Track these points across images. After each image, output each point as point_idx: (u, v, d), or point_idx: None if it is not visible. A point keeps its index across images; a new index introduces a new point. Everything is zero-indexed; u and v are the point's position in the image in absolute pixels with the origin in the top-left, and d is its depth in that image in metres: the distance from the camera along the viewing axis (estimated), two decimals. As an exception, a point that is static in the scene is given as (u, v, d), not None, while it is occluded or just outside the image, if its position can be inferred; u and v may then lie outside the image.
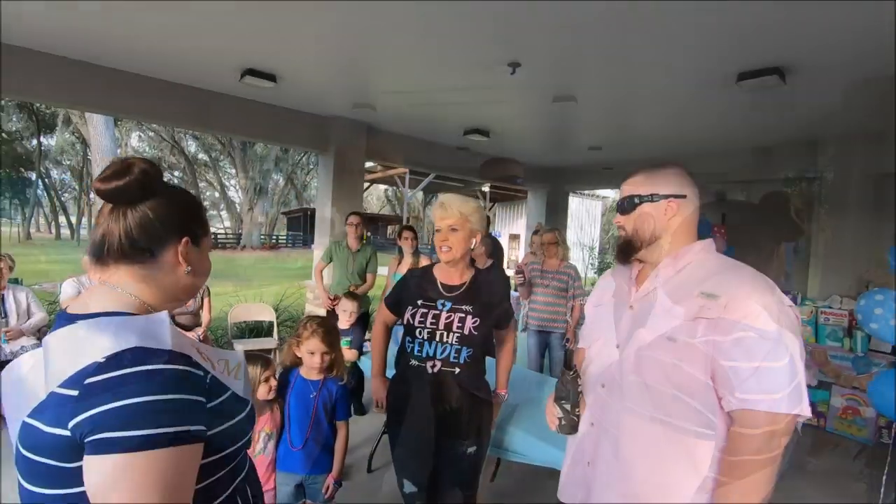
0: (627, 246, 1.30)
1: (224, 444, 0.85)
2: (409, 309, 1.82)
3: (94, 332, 0.75)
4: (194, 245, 0.90)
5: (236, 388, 0.88)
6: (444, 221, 1.76)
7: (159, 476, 0.70)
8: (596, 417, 1.30)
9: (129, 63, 4.31)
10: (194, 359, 0.79)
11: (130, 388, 0.70)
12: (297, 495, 2.06)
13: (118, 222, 0.83)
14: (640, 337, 1.22)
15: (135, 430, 0.69)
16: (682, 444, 1.14)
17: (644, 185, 1.28)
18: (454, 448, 1.82)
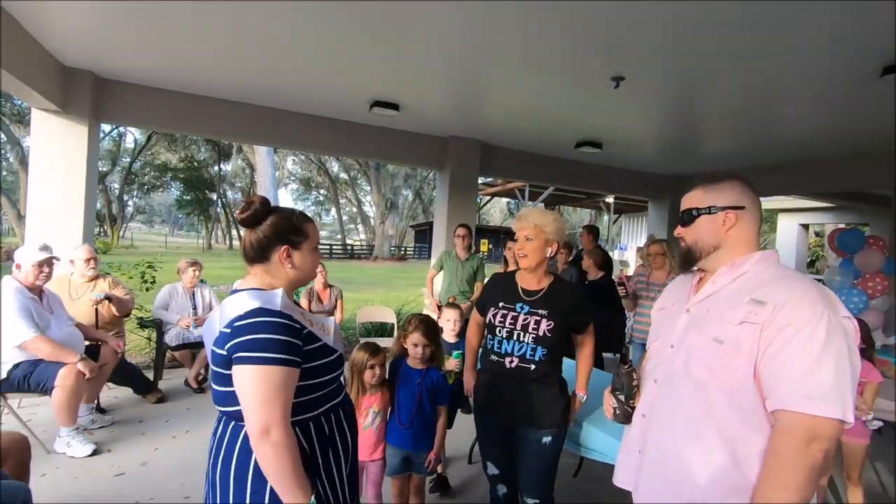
0: (688, 256, 1.40)
1: (317, 374, 1.32)
2: (491, 310, 2.05)
3: (241, 298, 1.27)
4: (294, 250, 1.37)
5: (326, 341, 1.37)
6: (520, 232, 1.98)
7: (269, 383, 1.18)
8: (647, 410, 1.41)
9: (280, 102, 5.26)
10: (295, 317, 1.28)
11: (253, 329, 1.21)
12: (404, 467, 2.39)
13: (247, 239, 1.37)
14: (691, 338, 1.32)
15: (256, 353, 1.18)
16: (725, 440, 1.20)
17: (702, 199, 1.36)
18: (529, 437, 1.99)
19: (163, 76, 4.62)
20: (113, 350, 3.57)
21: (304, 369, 1.27)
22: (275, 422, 1.17)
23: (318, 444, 1.34)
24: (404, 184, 32.69)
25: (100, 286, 3.88)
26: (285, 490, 1.19)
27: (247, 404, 1.19)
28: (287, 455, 1.18)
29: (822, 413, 1.08)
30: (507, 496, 2.17)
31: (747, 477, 1.17)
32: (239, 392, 1.20)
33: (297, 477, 1.20)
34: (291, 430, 1.21)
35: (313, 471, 1.30)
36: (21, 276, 3.09)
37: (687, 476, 1.26)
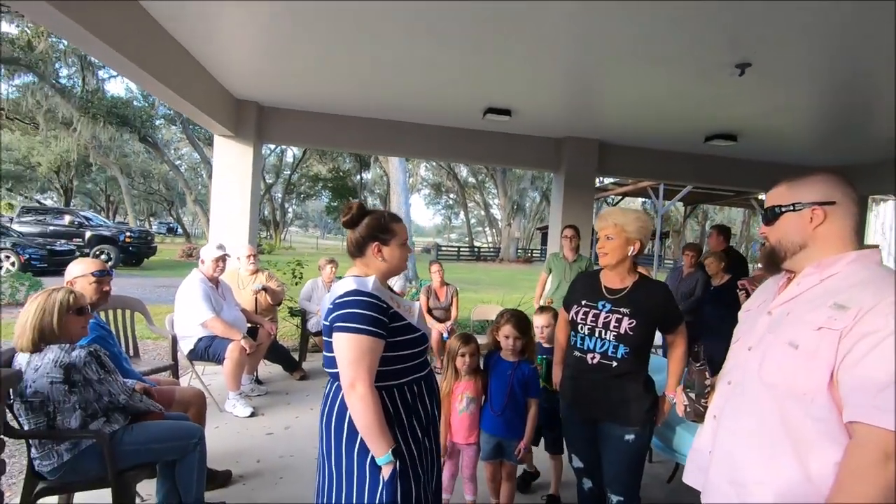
0: (772, 256, 1.33)
1: (401, 347, 1.57)
2: (574, 307, 2.10)
3: (344, 282, 1.60)
4: (384, 245, 1.64)
5: (411, 321, 1.63)
6: (601, 231, 2.00)
7: (356, 347, 1.46)
8: (718, 410, 1.37)
9: (405, 116, 5.77)
10: (383, 298, 1.56)
11: (347, 305, 1.50)
12: (496, 453, 2.55)
13: (349, 238, 1.68)
14: (768, 341, 1.26)
15: (348, 323, 1.48)
16: (797, 449, 1.15)
17: (786, 195, 1.29)
18: (612, 433, 2.00)
19: (311, 101, 5.42)
20: (268, 332, 4.31)
21: (390, 342, 1.53)
22: (360, 379, 1.43)
23: (403, 409, 1.57)
24: (531, 186, 32.52)
25: (259, 279, 4.70)
26: (369, 438, 1.45)
27: (340, 364, 1.48)
28: (370, 408, 1.43)
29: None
30: (592, 490, 2.20)
31: (819, 489, 1.11)
32: (336, 354, 1.50)
33: (380, 429, 1.44)
34: (374, 388, 1.46)
35: (398, 428, 1.53)
36: (204, 269, 3.91)
37: (753, 480, 1.22)
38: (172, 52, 3.75)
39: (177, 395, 2.64)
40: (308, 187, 35.06)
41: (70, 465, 1.96)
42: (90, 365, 2.01)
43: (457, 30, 3.29)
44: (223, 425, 3.54)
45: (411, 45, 3.60)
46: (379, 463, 1.46)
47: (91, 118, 17.59)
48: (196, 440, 2.26)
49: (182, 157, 31.55)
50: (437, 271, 5.35)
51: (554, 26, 3.14)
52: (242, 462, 3.03)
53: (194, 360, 3.84)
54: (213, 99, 4.72)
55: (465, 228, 41.50)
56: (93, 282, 2.50)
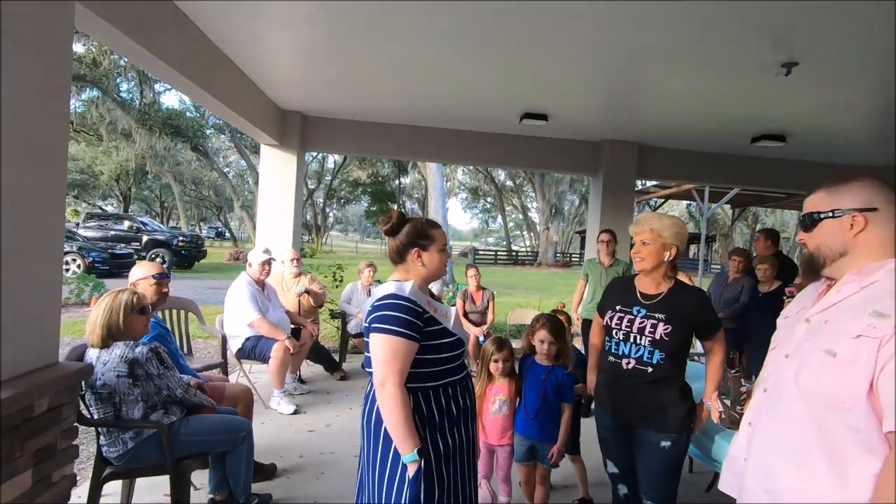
0: (810, 263, 1.31)
1: (436, 351, 1.62)
2: (608, 313, 2.09)
3: (384, 286, 1.68)
4: (423, 251, 1.69)
5: (446, 325, 1.68)
6: (637, 237, 2.00)
7: (389, 348, 1.53)
8: (753, 418, 1.36)
9: (441, 122, 5.87)
10: (420, 303, 1.62)
11: (384, 308, 1.57)
12: (530, 456, 2.58)
13: (390, 245, 1.74)
14: (805, 349, 1.24)
15: (383, 325, 1.55)
16: (833, 458, 1.13)
17: (825, 201, 1.27)
18: (648, 439, 1.99)
19: (352, 110, 5.62)
20: (310, 333, 4.48)
21: (424, 345, 1.59)
22: (390, 378, 1.50)
23: (436, 410, 1.62)
24: (570, 189, 32.06)
25: (302, 282, 4.89)
26: (396, 436, 1.51)
27: (374, 362, 1.56)
28: (398, 406, 1.49)
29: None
30: (627, 496, 2.18)
31: (855, 496, 1.10)
32: (371, 353, 1.59)
33: (406, 428, 1.50)
34: (404, 389, 1.52)
35: (429, 429, 1.58)
36: (251, 272, 4.12)
37: (788, 489, 1.21)
38: (224, 68, 3.99)
39: (227, 391, 2.81)
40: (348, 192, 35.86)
41: (133, 453, 2.14)
42: (151, 361, 2.18)
43: (493, 37, 3.34)
44: (268, 421, 3.72)
45: (449, 53, 3.69)
46: (404, 461, 1.52)
47: (148, 129, 18.71)
48: (245, 433, 2.40)
49: (230, 165, 32.95)
50: (473, 275, 5.40)
51: (592, 29, 3.14)
52: (286, 457, 3.17)
53: (242, 358, 4.04)
54: (260, 110, 4.97)
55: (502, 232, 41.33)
56: (153, 283, 2.70)
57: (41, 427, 1.76)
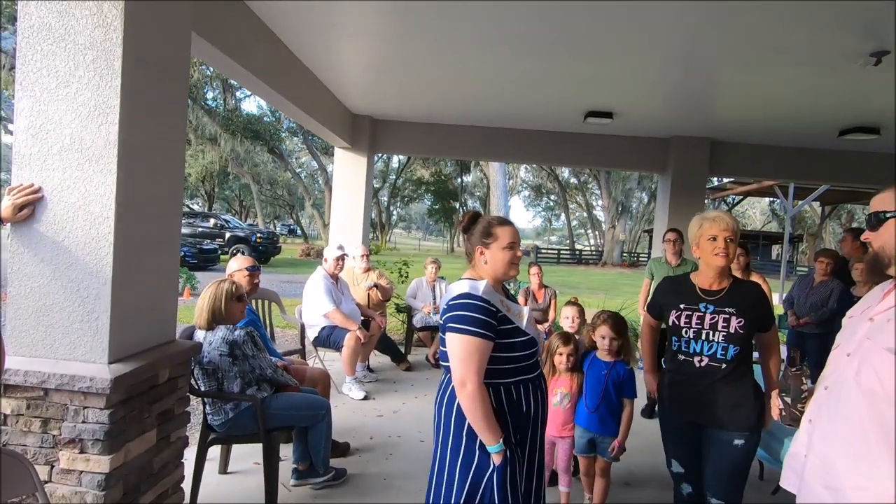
0: (875, 263, 1.32)
1: (509, 349, 1.64)
2: (673, 312, 2.08)
3: (458, 284, 1.70)
4: (486, 249, 1.71)
5: (519, 325, 1.68)
6: (723, 233, 1.97)
7: (466, 347, 1.56)
8: (814, 415, 1.37)
9: (505, 122, 5.97)
10: (493, 302, 1.63)
11: (459, 307, 1.60)
12: (590, 449, 2.64)
13: (465, 243, 1.80)
14: (866, 347, 1.26)
15: (459, 325, 1.57)
16: (894, 454, 1.16)
17: (893, 200, 1.28)
18: (720, 437, 1.99)
19: (419, 114, 5.86)
20: (378, 325, 4.75)
21: (498, 344, 1.61)
22: (469, 377, 1.53)
23: (507, 406, 1.64)
24: (637, 186, 30.87)
25: (371, 277, 5.18)
26: (479, 431, 1.56)
27: (452, 361, 1.58)
28: (478, 404, 1.53)
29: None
30: (692, 496, 2.18)
31: None
32: (448, 353, 1.61)
33: (488, 422, 1.54)
34: (483, 386, 1.55)
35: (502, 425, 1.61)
36: (327, 266, 4.45)
37: (850, 485, 1.23)
38: (304, 78, 4.33)
39: (307, 373, 3.10)
40: (411, 191, 36.68)
41: (233, 421, 2.45)
42: (247, 343, 2.48)
43: (557, 38, 3.40)
44: (340, 405, 4.01)
45: (513, 55, 3.79)
46: (490, 451, 1.56)
47: (231, 134, 20.20)
48: (325, 411, 2.66)
49: (302, 166, 34.78)
50: (535, 273, 5.46)
51: (661, 23, 3.10)
52: (358, 437, 3.43)
53: (318, 346, 4.38)
54: (334, 115, 5.31)
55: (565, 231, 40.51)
56: (246, 275, 3.03)
57: (163, 393, 2.08)
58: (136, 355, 1.92)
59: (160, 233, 2.05)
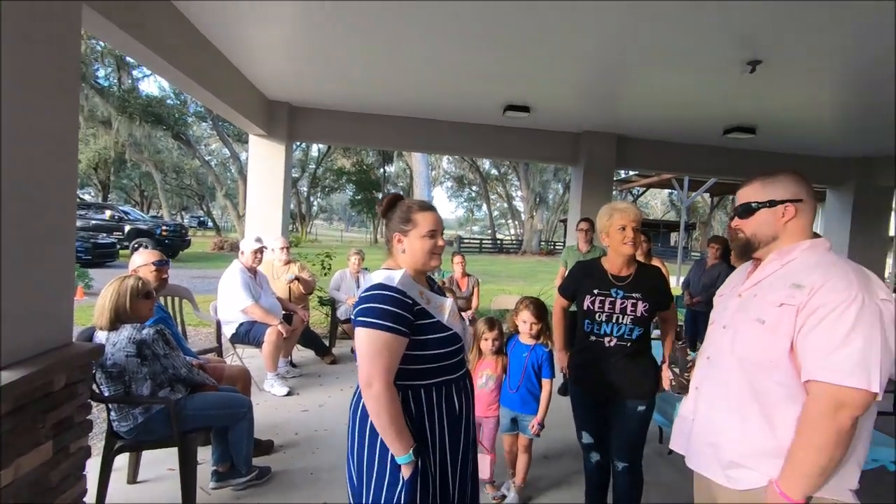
0: (746, 247, 1.50)
1: (427, 346, 1.49)
2: (587, 297, 2.24)
3: (374, 275, 1.57)
4: (404, 237, 1.55)
5: (440, 319, 1.53)
6: (631, 223, 2.14)
7: (374, 344, 1.40)
8: (699, 382, 1.56)
9: (426, 113, 6.01)
10: (410, 294, 1.48)
11: (370, 299, 1.44)
12: (513, 427, 2.79)
13: (385, 228, 1.64)
14: (738, 320, 1.45)
15: (368, 318, 1.42)
16: (764, 410, 1.34)
17: (761, 193, 1.45)
18: (626, 406, 2.20)
19: (339, 101, 5.71)
20: (301, 318, 4.63)
21: (416, 340, 1.45)
22: (376, 376, 1.38)
23: (426, 411, 1.49)
24: (553, 178, 32.39)
25: (291, 269, 5.02)
26: (387, 438, 1.40)
27: (359, 359, 1.44)
28: (386, 407, 1.38)
29: (847, 383, 1.19)
30: (599, 462, 2.40)
31: (781, 442, 1.31)
32: (356, 349, 1.46)
33: (397, 429, 1.39)
34: (392, 388, 1.40)
35: (419, 434, 1.46)
36: (243, 259, 4.24)
37: (728, 440, 1.42)
38: (210, 56, 4.05)
39: (225, 371, 2.96)
40: (332, 181, 35.68)
41: (143, 426, 2.28)
42: (157, 342, 2.32)
43: (478, 31, 3.48)
44: (262, 402, 3.87)
45: (434, 47, 3.83)
46: (398, 462, 1.41)
47: (128, 117, 18.38)
48: (245, 409, 2.57)
49: (212, 153, 32.51)
50: (458, 262, 5.58)
51: (574, 24, 3.30)
52: (282, 434, 3.34)
53: (236, 343, 4.18)
54: (247, 100, 5.04)
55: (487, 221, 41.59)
56: (153, 270, 2.82)
57: (60, 401, 1.89)
58: (26, 361, 1.73)
59: (53, 224, 1.86)
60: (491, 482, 2.84)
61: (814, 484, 1.26)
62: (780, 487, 1.28)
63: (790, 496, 1.26)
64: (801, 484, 1.26)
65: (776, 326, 1.33)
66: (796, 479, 1.26)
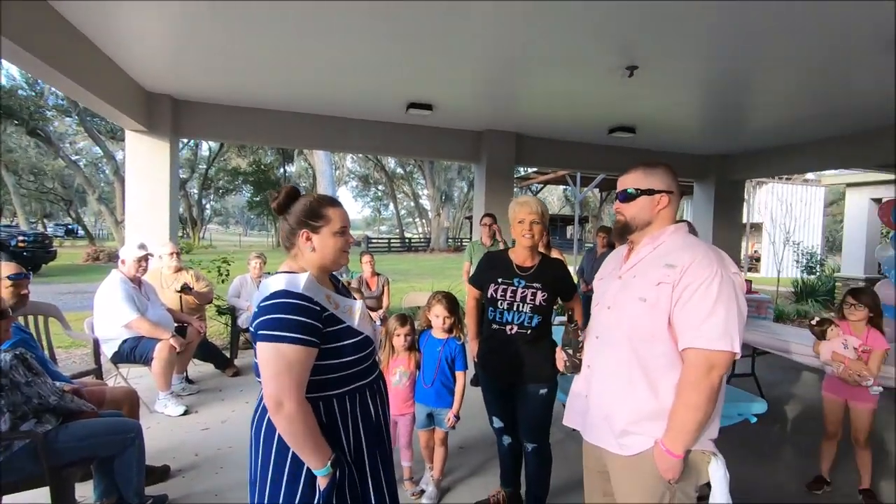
0: (625, 229, 1.65)
1: (340, 354, 1.39)
2: (491, 286, 2.35)
3: (272, 280, 1.37)
4: (314, 233, 1.43)
5: (350, 323, 1.44)
6: (528, 217, 2.23)
7: (282, 359, 1.27)
8: (591, 360, 1.69)
9: (328, 109, 5.84)
10: (318, 299, 1.36)
11: (273, 309, 1.30)
12: (429, 422, 2.80)
13: (280, 226, 1.49)
14: (622, 299, 1.60)
15: (273, 331, 1.28)
16: (648, 379, 1.50)
17: (643, 181, 1.61)
18: (529, 391, 2.32)
19: (231, 95, 5.32)
20: (196, 330, 4.26)
21: (326, 349, 1.35)
22: (286, 395, 1.26)
23: (340, 420, 1.41)
24: (458, 176, 33.12)
25: (182, 278, 4.60)
26: (304, 455, 1.31)
27: (263, 377, 1.29)
28: (300, 425, 1.28)
29: (716, 347, 1.39)
30: (511, 444, 2.51)
31: (664, 405, 1.48)
32: (259, 366, 1.31)
33: (314, 444, 1.30)
34: (305, 403, 1.30)
35: (334, 444, 1.38)
36: (125, 269, 3.80)
37: (619, 410, 1.56)
38: (70, 39, 3.56)
39: (107, 394, 2.64)
40: (227, 182, 33.36)
41: (3, 466, 1.96)
42: (17, 368, 2.01)
43: (379, 28, 3.44)
44: (155, 425, 3.51)
45: (333, 40, 3.71)
46: (316, 474, 1.34)
47: (-33, 110, 15.65)
48: (133, 434, 2.30)
49: (80, 152, 28.72)
50: (367, 262, 5.49)
51: (472, 26, 3.39)
52: (179, 458, 3.06)
53: (119, 362, 3.74)
54: (121, 91, 4.52)
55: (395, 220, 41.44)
56: (9, 285, 2.43)
57: None
58: None
59: None
60: (409, 479, 2.83)
61: (692, 438, 1.44)
62: (664, 445, 1.44)
63: (673, 451, 1.43)
64: (682, 440, 1.43)
65: (656, 303, 1.48)
66: (678, 436, 1.43)
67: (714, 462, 1.49)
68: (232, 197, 39.65)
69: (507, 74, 4.42)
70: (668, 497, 1.49)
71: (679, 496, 1.49)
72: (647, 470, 1.49)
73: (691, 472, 1.49)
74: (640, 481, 1.52)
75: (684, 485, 1.49)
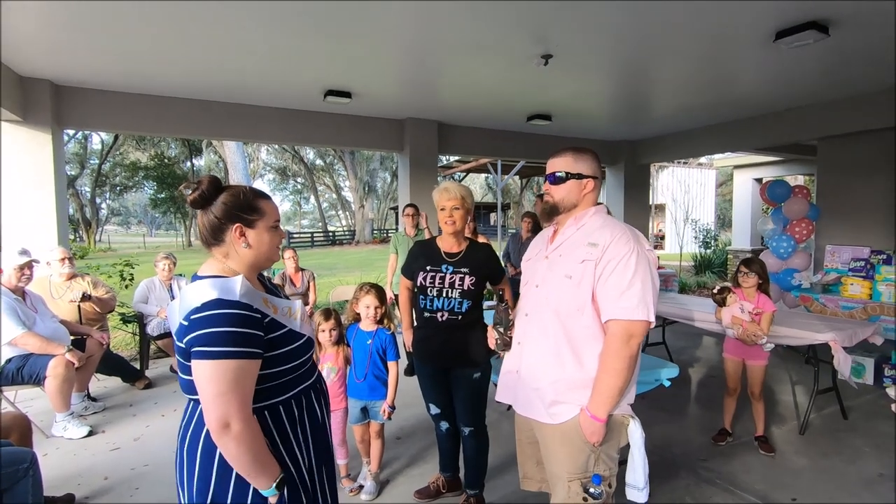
0: (553, 210, 1.72)
1: (283, 360, 1.28)
2: (420, 274, 2.34)
3: (200, 288, 1.19)
4: (248, 228, 1.29)
5: (292, 326, 1.32)
6: (449, 203, 2.25)
7: (226, 377, 1.13)
8: (521, 338, 1.76)
9: (238, 97, 5.48)
10: (256, 306, 1.22)
11: (209, 323, 1.15)
12: (363, 416, 2.75)
13: (200, 222, 1.31)
14: (549, 278, 1.68)
15: (214, 347, 1.13)
16: (575, 351, 1.59)
17: (573, 165, 1.68)
18: (463, 375, 2.35)
19: (119, 80, 4.79)
20: (98, 342, 3.85)
21: (269, 357, 1.24)
22: (233, 415, 1.14)
23: (289, 427, 1.31)
24: (380, 167, 32.69)
25: (78, 286, 4.13)
26: (250, 476, 1.20)
27: (205, 399, 1.15)
28: (249, 446, 1.17)
29: (634, 317, 1.50)
30: (448, 430, 2.54)
31: (588, 374, 1.58)
32: (197, 386, 1.16)
33: (262, 463, 1.20)
34: (253, 419, 1.19)
35: (284, 451, 1.30)
36: (3, 279, 3.34)
37: (548, 382, 1.64)
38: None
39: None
40: (125, 178, 30.41)
41: None
42: None
43: (294, 9, 3.25)
44: (53, 451, 3.15)
45: (243, 22, 3.46)
46: (265, 494, 1.23)
47: None
48: (26, 464, 2.05)
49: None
50: (291, 257, 5.27)
51: (390, 12, 3.30)
52: (85, 483, 2.77)
53: (4, 385, 3.29)
54: (-13, 76, 3.93)
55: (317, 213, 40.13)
56: None
57: None
58: None
59: None
60: (346, 476, 2.77)
61: (614, 403, 1.55)
62: (589, 411, 1.55)
63: (597, 416, 1.54)
64: (605, 405, 1.54)
65: (580, 280, 1.57)
66: (601, 401, 1.54)
67: (632, 424, 1.62)
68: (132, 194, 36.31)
69: (427, 62, 4.38)
70: (594, 460, 1.59)
71: (603, 458, 1.60)
72: (574, 436, 1.59)
73: (613, 436, 1.61)
74: (568, 447, 1.61)
75: (607, 447, 1.61)
